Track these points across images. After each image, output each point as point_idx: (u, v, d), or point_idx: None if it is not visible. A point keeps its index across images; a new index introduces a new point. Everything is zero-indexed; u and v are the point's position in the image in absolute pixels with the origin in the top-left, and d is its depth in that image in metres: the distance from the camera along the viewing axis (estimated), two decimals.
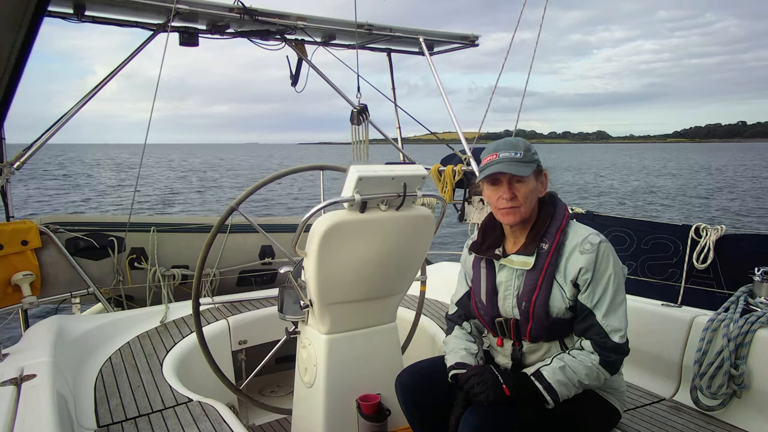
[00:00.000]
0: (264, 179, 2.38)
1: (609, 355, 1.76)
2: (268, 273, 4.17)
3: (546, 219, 1.88)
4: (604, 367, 1.77)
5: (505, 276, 1.93)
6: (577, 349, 1.81)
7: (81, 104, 3.62)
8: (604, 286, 1.77)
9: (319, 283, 2.13)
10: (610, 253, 1.81)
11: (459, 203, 4.84)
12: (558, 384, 1.74)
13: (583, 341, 1.80)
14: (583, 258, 1.78)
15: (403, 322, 2.83)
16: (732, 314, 2.40)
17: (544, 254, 1.84)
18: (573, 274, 1.79)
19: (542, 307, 1.81)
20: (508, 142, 1.88)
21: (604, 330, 1.76)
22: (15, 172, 3.43)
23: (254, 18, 3.89)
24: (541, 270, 1.83)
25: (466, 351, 1.98)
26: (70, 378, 2.34)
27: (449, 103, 4.77)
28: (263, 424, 3.02)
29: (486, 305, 1.96)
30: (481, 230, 2.04)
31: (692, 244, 3.60)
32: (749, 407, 2.28)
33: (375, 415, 2.25)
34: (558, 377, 1.74)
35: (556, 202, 1.92)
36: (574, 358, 1.77)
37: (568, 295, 1.80)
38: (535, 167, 1.85)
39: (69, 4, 3.45)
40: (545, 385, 1.74)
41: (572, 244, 1.82)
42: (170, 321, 3.14)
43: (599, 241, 1.80)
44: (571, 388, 1.75)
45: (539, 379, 1.75)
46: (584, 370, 1.75)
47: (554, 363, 1.78)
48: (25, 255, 3.33)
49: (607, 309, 1.77)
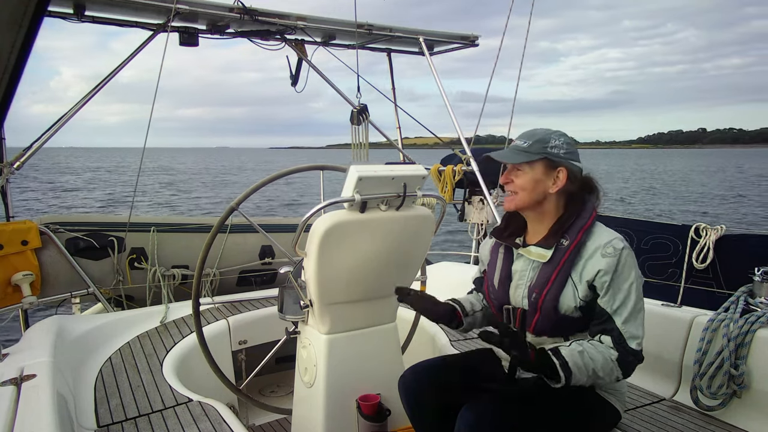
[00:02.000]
0: (264, 179, 2.38)
1: (626, 356, 1.74)
2: (268, 273, 4.17)
3: (571, 216, 1.86)
4: (620, 366, 1.74)
5: (521, 265, 1.93)
6: (594, 340, 1.77)
7: (81, 104, 3.62)
8: (626, 292, 1.75)
9: (319, 283, 2.13)
10: (632, 261, 1.79)
11: (459, 203, 4.84)
12: (574, 365, 1.69)
13: (602, 336, 1.77)
14: (603, 261, 1.76)
15: (403, 322, 2.83)
16: (732, 314, 2.39)
17: (562, 250, 1.82)
18: (590, 275, 1.77)
19: (552, 301, 1.81)
20: (528, 132, 1.91)
21: (623, 336, 1.74)
22: (15, 172, 3.44)
23: (254, 18, 3.89)
24: (557, 265, 1.82)
25: (468, 301, 2.12)
26: (70, 378, 2.34)
27: (449, 104, 4.77)
28: (263, 424, 3.02)
29: (497, 290, 1.98)
30: (505, 217, 2.05)
31: (692, 244, 3.60)
32: (749, 407, 2.28)
33: (375, 415, 2.25)
34: (575, 359, 1.69)
35: (585, 201, 1.90)
36: (593, 347, 1.73)
37: (581, 294, 1.79)
38: (539, 159, 1.83)
39: (69, 4, 3.45)
40: (562, 362, 1.68)
41: (594, 245, 1.80)
42: (170, 321, 3.14)
43: (623, 247, 1.78)
44: (584, 374, 1.70)
45: (556, 354, 1.70)
46: (602, 360, 1.71)
47: (573, 346, 1.74)
48: (25, 255, 3.33)
49: (628, 316, 1.74)
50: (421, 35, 4.72)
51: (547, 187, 1.86)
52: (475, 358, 2.14)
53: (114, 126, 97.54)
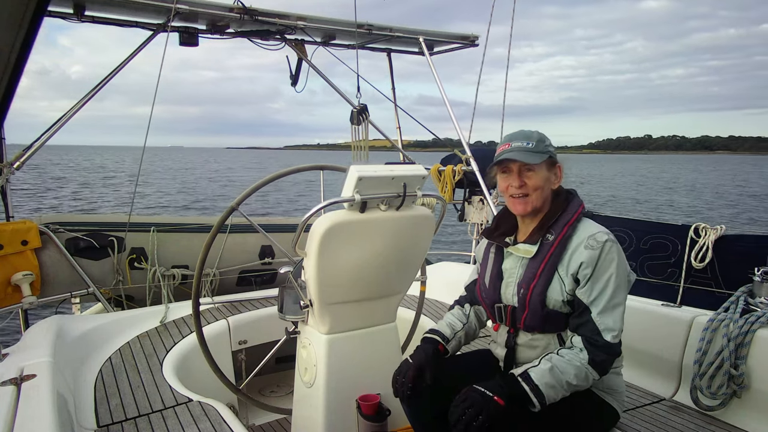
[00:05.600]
0: (264, 179, 2.37)
1: (598, 353, 1.74)
2: (268, 273, 4.17)
3: (557, 211, 1.89)
4: (593, 367, 1.74)
5: (511, 263, 1.96)
6: (567, 348, 1.78)
7: (80, 104, 3.63)
8: (604, 284, 1.77)
9: (319, 283, 2.13)
10: (615, 254, 1.80)
11: (459, 203, 4.85)
12: (546, 387, 1.69)
13: (574, 338, 1.80)
14: (585, 253, 1.78)
15: (403, 322, 2.83)
16: (732, 314, 2.40)
17: (548, 245, 1.85)
18: (574, 268, 1.79)
19: (539, 296, 1.82)
20: (522, 132, 1.90)
21: (598, 327, 1.75)
22: (15, 172, 3.44)
23: (254, 18, 3.89)
24: (543, 259, 1.84)
25: (448, 325, 2.12)
26: (70, 378, 2.34)
27: (449, 104, 4.77)
28: (263, 424, 3.02)
29: (488, 289, 2.00)
30: (496, 217, 2.07)
31: (691, 243, 3.60)
32: (749, 407, 2.28)
33: (375, 415, 2.25)
34: (546, 379, 1.70)
35: (570, 198, 1.93)
36: (562, 358, 1.75)
37: (568, 288, 1.81)
38: (546, 158, 1.86)
39: (69, 4, 3.45)
40: (532, 387, 1.69)
41: (579, 239, 1.83)
42: (170, 321, 3.14)
43: (605, 240, 1.79)
44: (559, 390, 1.71)
45: (526, 380, 1.71)
46: (573, 370, 1.72)
47: (542, 364, 1.75)
48: (25, 255, 3.33)
49: (604, 307, 1.76)
50: (421, 35, 4.72)
51: (551, 185, 1.91)
52: (474, 359, 2.15)
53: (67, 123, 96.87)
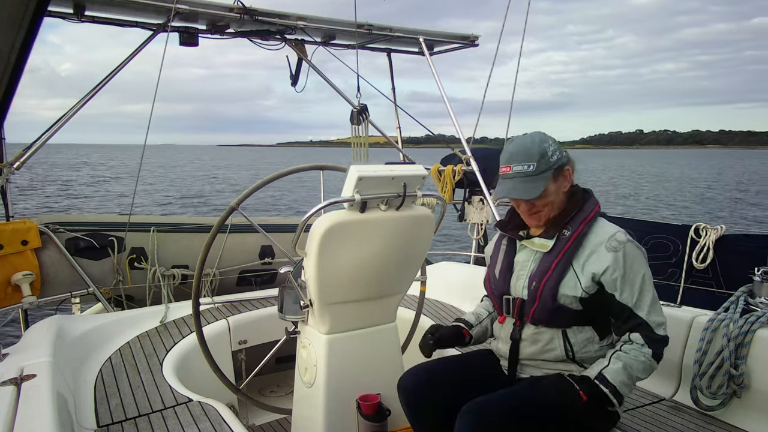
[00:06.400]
0: (264, 179, 2.37)
1: (658, 346, 1.80)
2: (268, 273, 4.16)
3: (573, 209, 1.90)
4: (656, 360, 1.80)
5: (523, 257, 1.97)
6: (626, 344, 1.81)
7: (81, 104, 3.63)
8: (641, 284, 1.80)
9: (319, 283, 2.13)
10: (639, 252, 1.83)
11: (459, 203, 4.85)
12: (621, 385, 1.75)
13: (632, 334, 1.81)
14: (609, 256, 1.79)
15: (403, 322, 2.82)
16: (732, 314, 2.39)
17: (564, 240, 1.86)
18: (597, 270, 1.80)
19: (551, 290, 1.83)
20: (521, 150, 1.87)
21: (650, 326, 1.79)
22: (15, 172, 3.44)
23: (254, 18, 3.89)
24: (558, 254, 1.85)
25: (474, 314, 2.22)
26: (70, 378, 2.34)
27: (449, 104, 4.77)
28: (263, 424, 3.02)
29: (498, 280, 2.01)
30: (510, 210, 2.08)
31: (692, 243, 3.60)
32: (749, 407, 2.28)
33: (375, 415, 2.25)
34: (621, 378, 1.76)
35: (587, 197, 1.94)
36: (628, 354, 1.78)
37: (584, 285, 1.81)
38: (551, 174, 1.85)
39: (69, 4, 3.45)
40: (611, 389, 1.75)
41: (599, 238, 1.84)
42: (170, 321, 3.14)
43: (626, 240, 1.82)
44: (630, 386, 1.78)
45: (603, 382, 1.76)
46: (641, 365, 1.78)
47: (613, 363, 1.78)
48: (25, 255, 3.33)
49: (650, 306, 1.80)
50: (421, 35, 4.72)
51: (562, 189, 1.91)
52: (474, 359, 2.15)
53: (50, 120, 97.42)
